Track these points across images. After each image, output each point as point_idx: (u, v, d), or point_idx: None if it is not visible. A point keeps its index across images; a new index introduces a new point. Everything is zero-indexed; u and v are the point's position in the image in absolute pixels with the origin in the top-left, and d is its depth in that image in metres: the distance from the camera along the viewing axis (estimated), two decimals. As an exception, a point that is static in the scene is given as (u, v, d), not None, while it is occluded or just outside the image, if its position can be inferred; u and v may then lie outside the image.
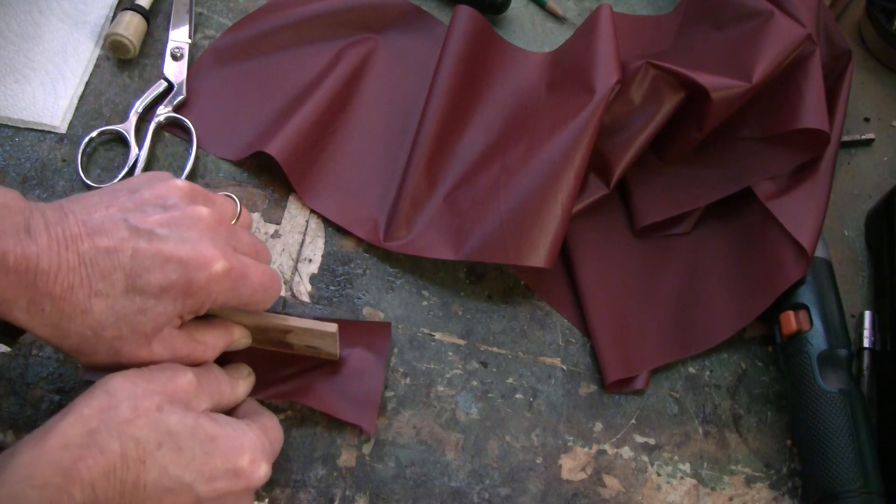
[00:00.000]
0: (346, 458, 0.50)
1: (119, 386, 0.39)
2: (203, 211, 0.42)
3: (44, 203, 0.40)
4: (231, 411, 0.46)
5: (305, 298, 0.54)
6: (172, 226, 0.41)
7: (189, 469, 0.39)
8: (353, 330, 0.52)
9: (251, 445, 0.41)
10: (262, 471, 0.42)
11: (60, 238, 0.38)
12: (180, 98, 0.59)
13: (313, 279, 0.55)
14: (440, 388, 0.53)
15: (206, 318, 0.45)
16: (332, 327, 0.47)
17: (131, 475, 0.38)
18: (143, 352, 0.41)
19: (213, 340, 0.44)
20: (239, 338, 0.46)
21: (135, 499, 0.38)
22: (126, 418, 0.38)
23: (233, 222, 0.46)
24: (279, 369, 0.50)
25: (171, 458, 0.39)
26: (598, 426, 0.53)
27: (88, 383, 0.41)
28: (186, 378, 0.41)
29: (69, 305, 0.38)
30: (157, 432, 0.39)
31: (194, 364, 0.43)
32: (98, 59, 0.60)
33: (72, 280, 0.38)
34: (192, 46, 0.61)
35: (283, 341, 0.48)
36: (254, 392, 0.48)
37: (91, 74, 0.60)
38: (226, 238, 0.43)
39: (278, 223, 0.57)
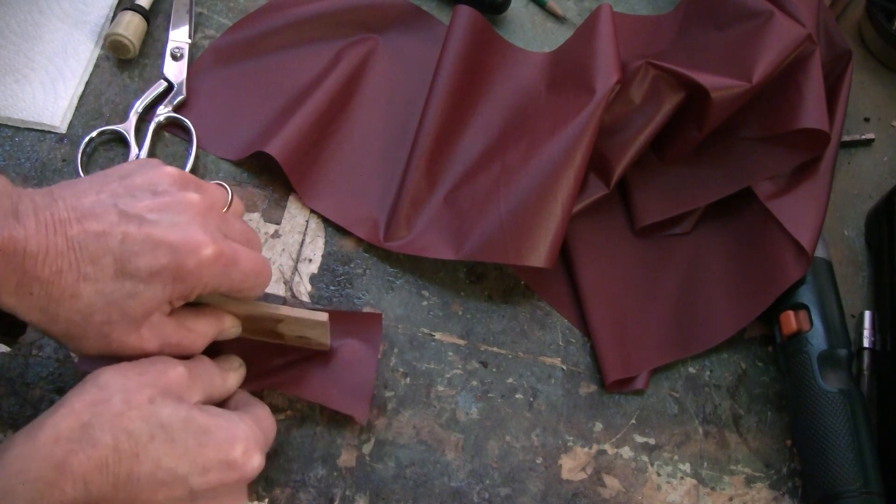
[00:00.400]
0: (346, 458, 0.50)
1: (110, 379, 0.39)
2: (194, 197, 0.42)
3: (33, 189, 0.40)
4: (222, 403, 0.46)
5: (305, 298, 0.54)
6: (163, 211, 0.40)
7: (182, 461, 0.39)
8: (344, 320, 0.52)
9: (244, 436, 0.41)
10: (256, 461, 0.41)
11: (49, 222, 0.38)
12: (180, 98, 0.59)
13: (313, 279, 0.55)
14: (440, 388, 0.53)
15: (197, 306, 0.44)
16: (323, 316, 0.47)
17: (124, 468, 0.37)
18: (133, 337, 0.41)
19: (204, 328, 0.44)
20: (229, 327, 0.46)
21: (128, 492, 0.38)
22: (118, 411, 0.38)
23: (224, 210, 0.46)
24: (270, 360, 0.50)
25: (164, 451, 0.38)
26: (598, 426, 0.53)
27: (85, 375, 0.41)
28: (178, 371, 0.41)
29: (57, 289, 0.38)
30: (149, 425, 0.38)
31: (184, 352, 0.43)
32: (98, 59, 0.60)
33: (60, 264, 0.38)
34: (192, 46, 0.61)
35: (274, 331, 0.48)
36: (245, 384, 0.47)
37: (91, 74, 0.60)
38: (216, 224, 0.43)
39: (278, 223, 0.57)
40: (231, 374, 0.46)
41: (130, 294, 0.39)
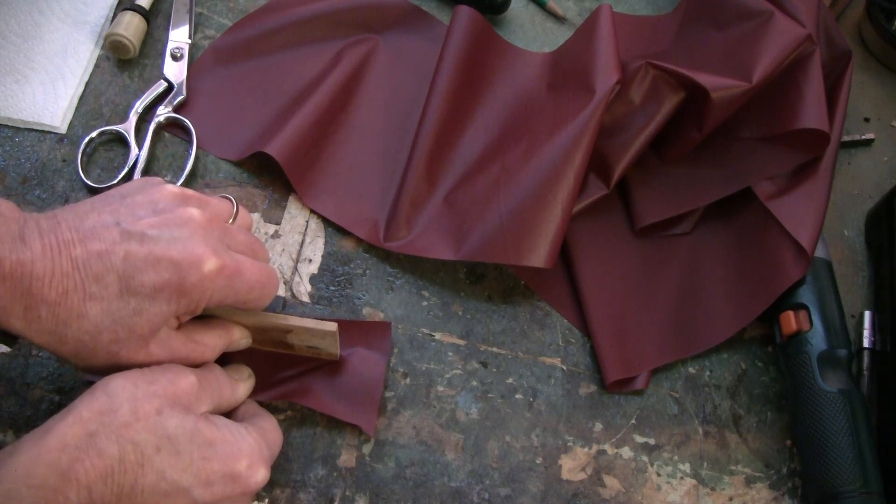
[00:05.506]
0: (346, 458, 0.50)
1: (119, 387, 0.39)
2: (194, 212, 0.42)
3: (37, 213, 0.40)
4: (230, 413, 0.46)
5: (305, 299, 0.54)
6: (164, 227, 0.41)
7: (186, 473, 0.39)
8: (354, 330, 0.52)
9: (249, 450, 0.42)
10: (260, 475, 0.42)
11: (54, 244, 0.38)
12: (180, 98, 0.59)
13: (313, 279, 0.55)
14: (440, 388, 0.53)
15: (206, 318, 0.45)
16: (333, 326, 0.47)
17: (129, 479, 0.38)
18: (141, 354, 0.41)
19: (213, 341, 0.44)
20: (239, 338, 0.46)
21: (131, 502, 0.38)
22: (125, 422, 0.38)
23: (230, 222, 0.46)
24: (279, 370, 0.50)
25: (169, 463, 0.39)
26: (598, 426, 0.53)
27: (89, 384, 0.41)
28: (189, 380, 0.41)
29: (64, 311, 0.38)
30: (155, 436, 0.39)
31: (194, 365, 0.43)
32: (98, 59, 0.60)
33: (66, 285, 0.38)
34: (192, 46, 0.61)
35: (284, 341, 0.48)
36: (254, 393, 0.48)
37: (91, 74, 0.60)
38: (219, 237, 0.43)
39: (278, 223, 0.57)
40: (240, 385, 0.46)
41: (136, 311, 0.40)
